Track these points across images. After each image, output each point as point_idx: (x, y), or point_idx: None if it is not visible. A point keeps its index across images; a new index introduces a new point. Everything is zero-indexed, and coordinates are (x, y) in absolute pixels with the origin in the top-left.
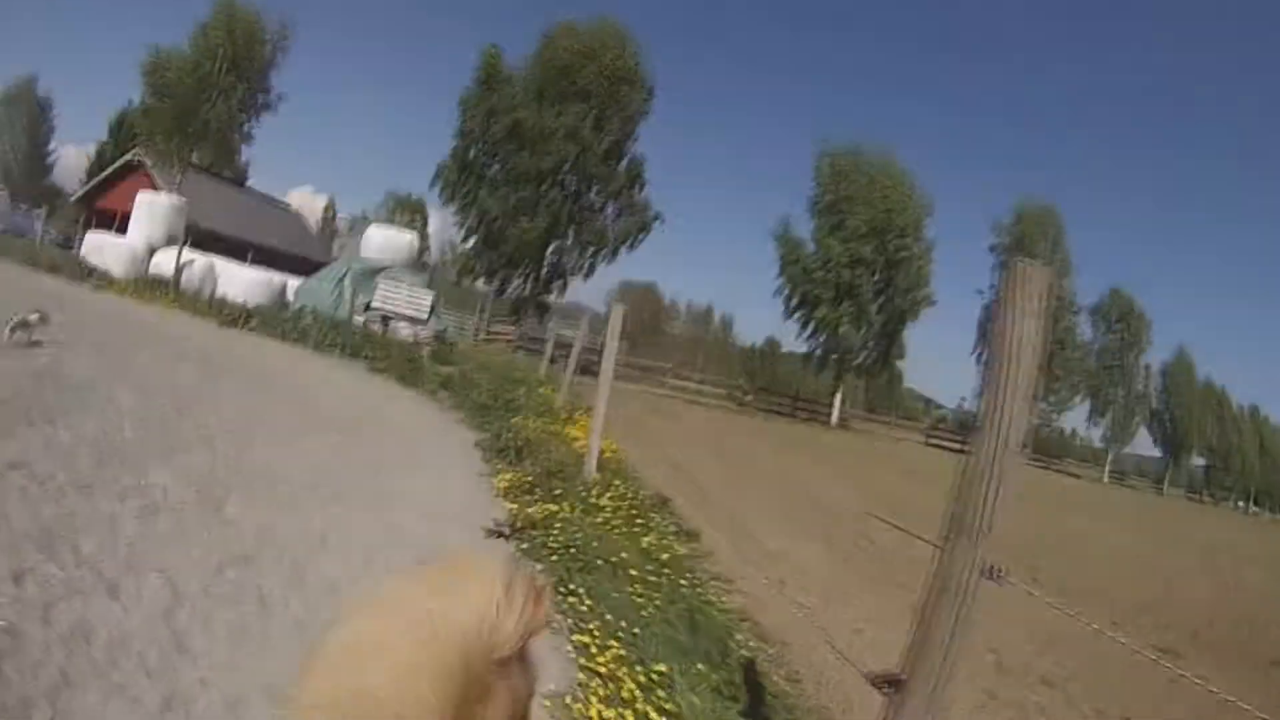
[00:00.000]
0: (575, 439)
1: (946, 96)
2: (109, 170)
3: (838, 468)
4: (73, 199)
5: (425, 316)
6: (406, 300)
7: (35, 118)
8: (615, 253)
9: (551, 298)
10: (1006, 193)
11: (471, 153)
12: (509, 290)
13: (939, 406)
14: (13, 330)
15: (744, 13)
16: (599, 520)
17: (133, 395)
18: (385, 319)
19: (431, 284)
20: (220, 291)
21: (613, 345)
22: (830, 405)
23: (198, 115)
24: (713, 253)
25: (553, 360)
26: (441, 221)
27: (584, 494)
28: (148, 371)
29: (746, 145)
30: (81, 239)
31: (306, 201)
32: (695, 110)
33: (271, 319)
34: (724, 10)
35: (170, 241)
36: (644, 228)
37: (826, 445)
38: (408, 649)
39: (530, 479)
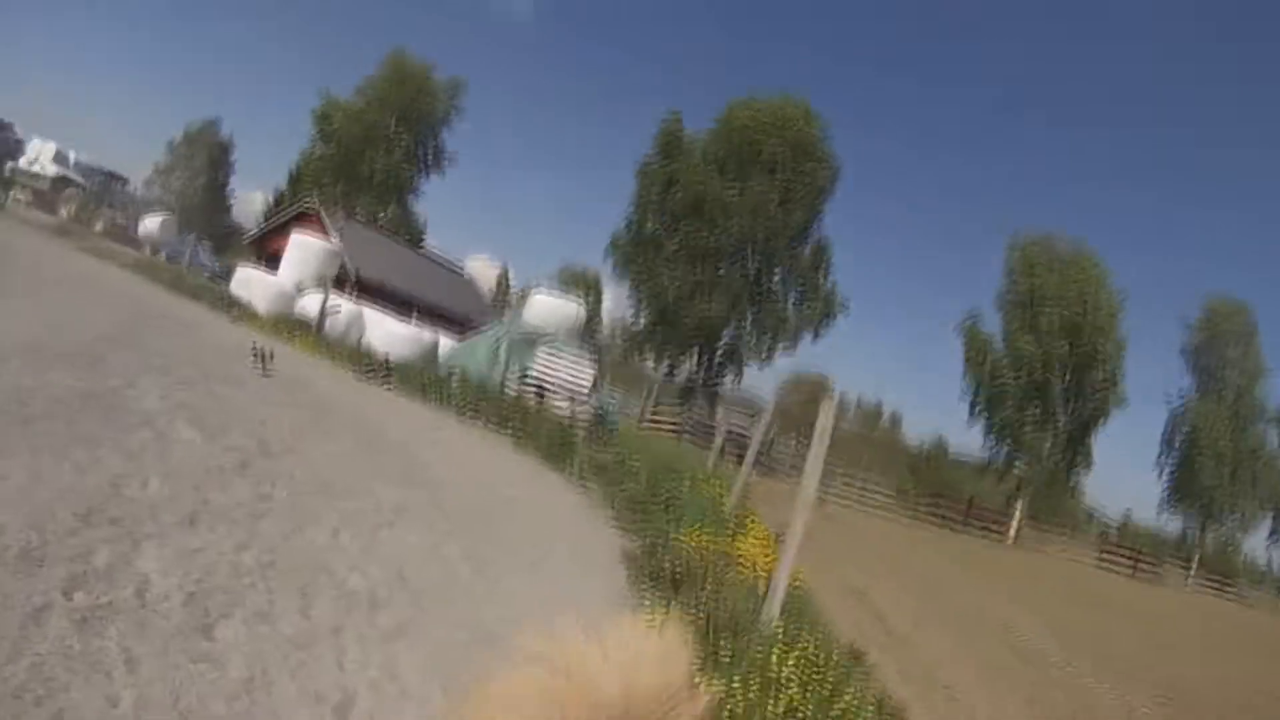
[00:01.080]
0: (746, 560)
1: (1132, 180)
2: (282, 214)
3: (1026, 599)
4: (246, 239)
5: (586, 392)
6: (567, 372)
7: (216, 158)
8: (796, 341)
9: (724, 385)
10: (1189, 284)
11: (648, 224)
12: (679, 373)
13: (1101, 517)
14: (257, 359)
15: (923, 94)
16: (780, 711)
17: (193, 431)
18: (541, 390)
19: (597, 360)
20: (366, 341)
21: (820, 451)
22: (1004, 517)
23: (362, 163)
24: (883, 345)
25: (722, 452)
26: (615, 299)
27: (761, 657)
28: (236, 410)
29: (922, 234)
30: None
31: (482, 269)
32: (868, 194)
33: (413, 376)
34: (901, 92)
35: (321, 285)
36: (828, 315)
37: (1008, 568)
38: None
39: (688, 625)
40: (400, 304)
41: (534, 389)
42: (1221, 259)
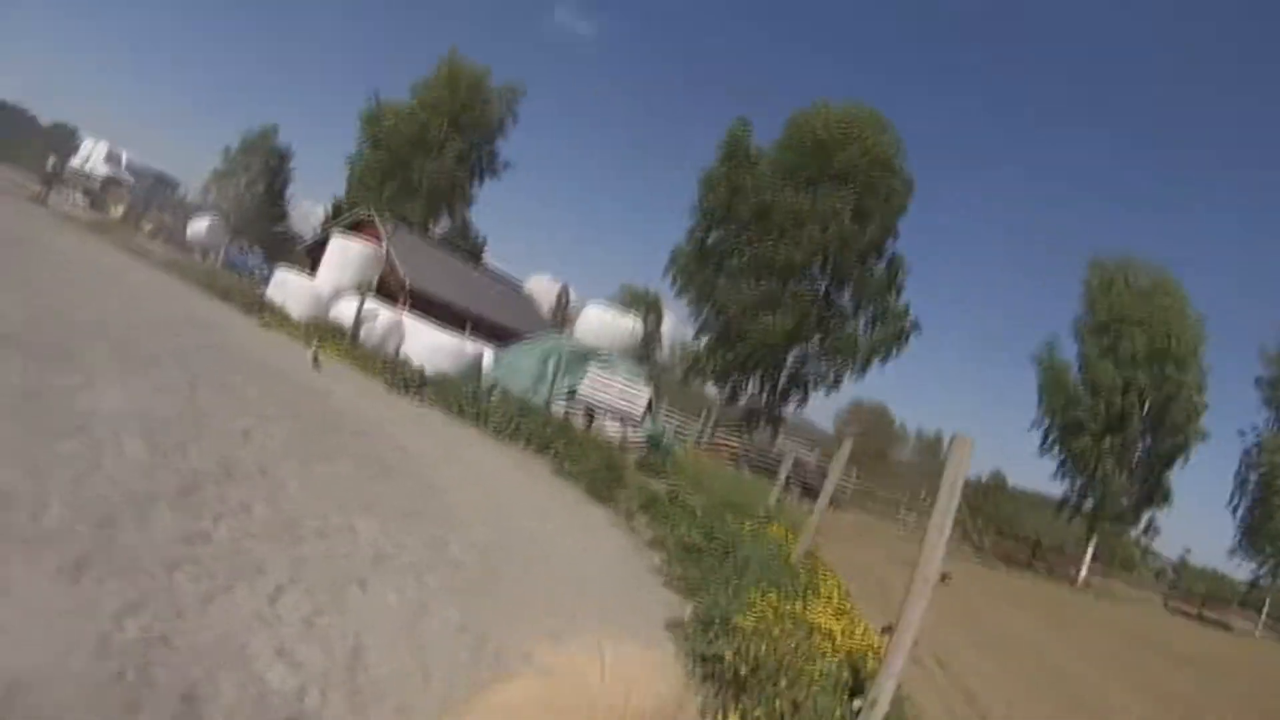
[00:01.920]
0: (822, 630)
1: (1207, 204)
2: (338, 222)
3: (1113, 659)
4: (300, 247)
5: (639, 415)
6: (620, 392)
7: (273, 165)
8: (866, 366)
9: (788, 410)
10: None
11: (711, 237)
12: (740, 397)
13: (1156, 555)
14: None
15: (996, 107)
16: None
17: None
18: (591, 411)
19: (653, 381)
20: (404, 351)
21: (944, 528)
22: (1068, 556)
23: (412, 168)
24: (942, 374)
25: (787, 486)
26: (676, 323)
27: None
28: (213, 422)
29: (989, 259)
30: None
31: (542, 287)
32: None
33: (449, 390)
34: (971, 106)
35: (364, 292)
36: (900, 338)
37: (1085, 617)
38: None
39: None
40: (452, 316)
41: (583, 409)
42: None
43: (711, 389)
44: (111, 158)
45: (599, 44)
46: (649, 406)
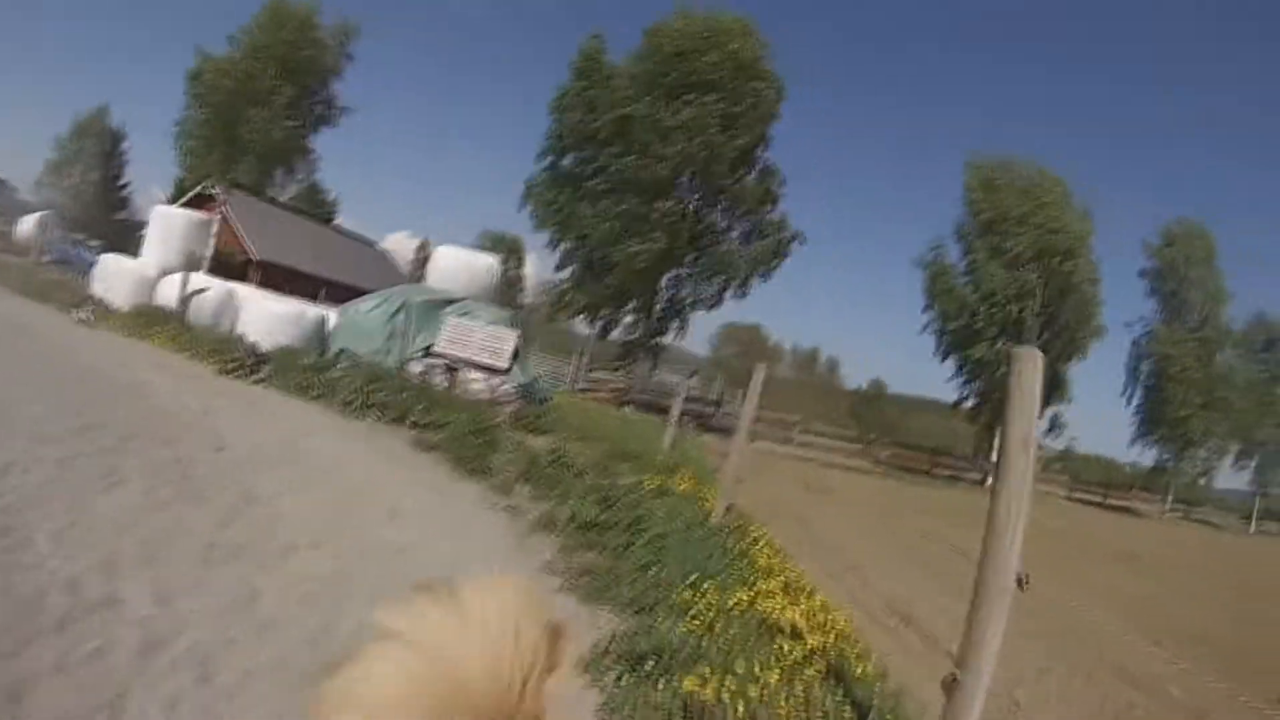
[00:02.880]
0: (783, 628)
1: (1085, 104)
2: (178, 202)
3: (1062, 567)
4: (141, 234)
5: (506, 365)
6: (481, 342)
7: (108, 149)
8: (746, 282)
9: (669, 339)
10: (1149, 211)
11: (567, 160)
12: (614, 331)
13: (1037, 446)
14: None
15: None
16: None
17: None
18: (451, 367)
19: (520, 326)
20: (242, 328)
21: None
22: (972, 459)
23: (240, 123)
24: (806, 284)
25: (680, 422)
26: (539, 263)
27: None
28: None
29: (845, 162)
30: None
31: (401, 244)
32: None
33: (290, 367)
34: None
35: (192, 267)
36: (779, 252)
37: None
38: (408, 694)
39: None
40: (307, 285)
41: (442, 365)
42: (1176, 186)
43: (583, 326)
44: None
45: None
46: (517, 353)
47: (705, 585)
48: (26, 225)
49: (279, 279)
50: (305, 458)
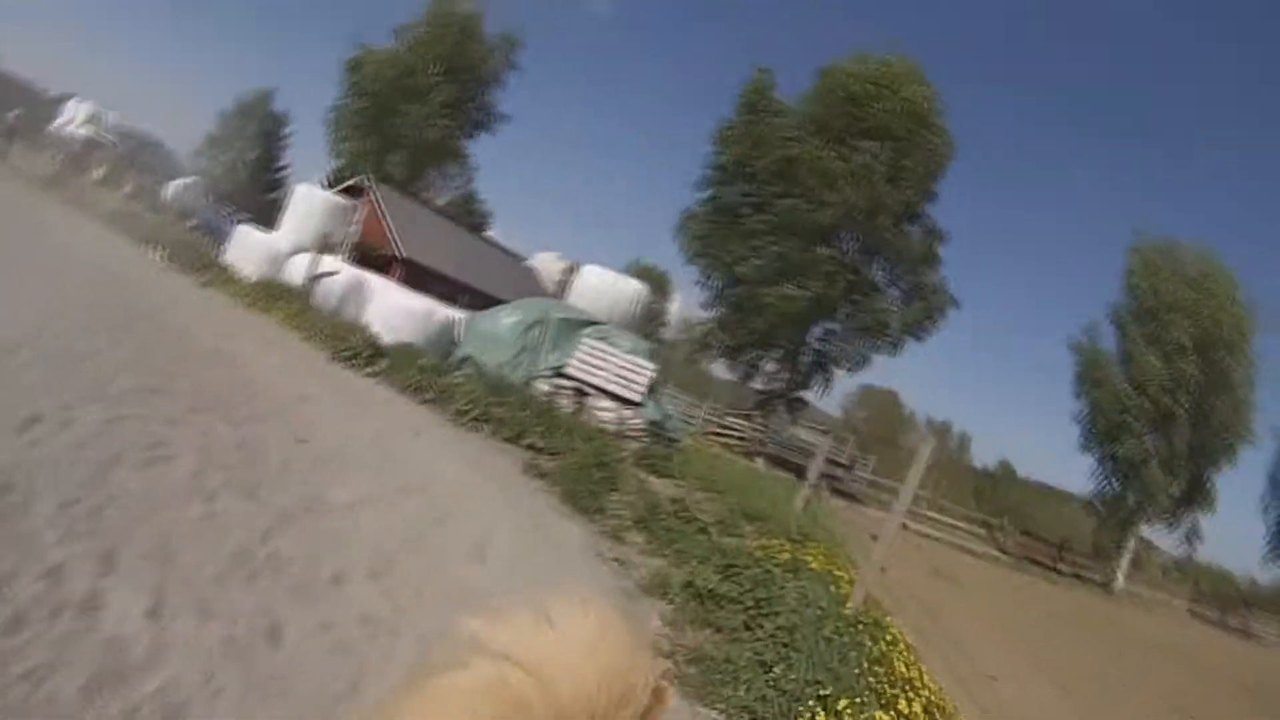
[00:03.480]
0: None
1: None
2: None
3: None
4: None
5: (640, 397)
6: (617, 369)
7: (269, 130)
8: (898, 345)
9: (810, 393)
10: None
11: (727, 195)
12: (756, 378)
13: (1153, 548)
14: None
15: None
16: None
17: None
18: (581, 392)
19: (660, 358)
20: (367, 318)
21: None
22: (1106, 562)
23: (396, 115)
24: (949, 360)
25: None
26: (685, 302)
27: None
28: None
29: (997, 228)
30: None
31: (549, 265)
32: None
33: (408, 364)
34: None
35: (326, 249)
36: (934, 315)
37: (1143, 636)
38: (495, 710)
39: None
40: (449, 290)
41: (571, 388)
42: None
43: (722, 369)
44: (94, 119)
45: (613, 17)
46: (652, 387)
47: (840, 703)
48: (175, 188)
49: (421, 278)
50: (396, 465)
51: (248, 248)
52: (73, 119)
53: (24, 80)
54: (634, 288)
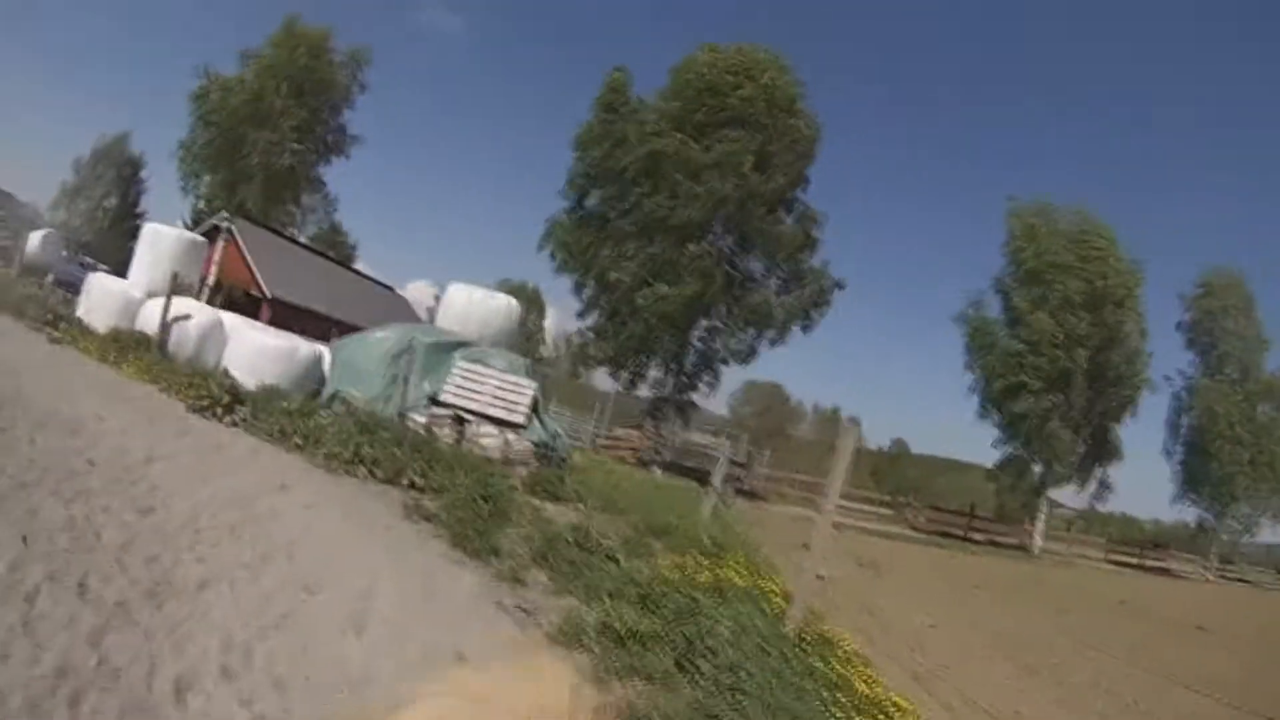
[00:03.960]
0: None
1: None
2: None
3: (1143, 648)
4: None
5: (523, 419)
6: (496, 391)
7: (126, 176)
8: (784, 333)
9: (701, 394)
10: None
11: (591, 199)
12: (642, 385)
13: (1058, 505)
14: None
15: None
16: None
17: None
18: (460, 418)
19: (541, 374)
20: (227, 361)
21: None
22: (1016, 525)
23: (245, 144)
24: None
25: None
26: (559, 317)
27: None
28: None
29: (861, 210)
30: None
31: (421, 293)
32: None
33: (270, 408)
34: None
35: (179, 291)
36: (819, 301)
37: (1077, 592)
38: None
39: None
40: (319, 326)
41: (449, 417)
42: (1211, 232)
43: (605, 380)
44: None
45: (466, 38)
46: (535, 406)
47: None
48: (33, 242)
49: (291, 317)
50: (258, 527)
51: (100, 296)
52: None
53: None
54: (504, 303)
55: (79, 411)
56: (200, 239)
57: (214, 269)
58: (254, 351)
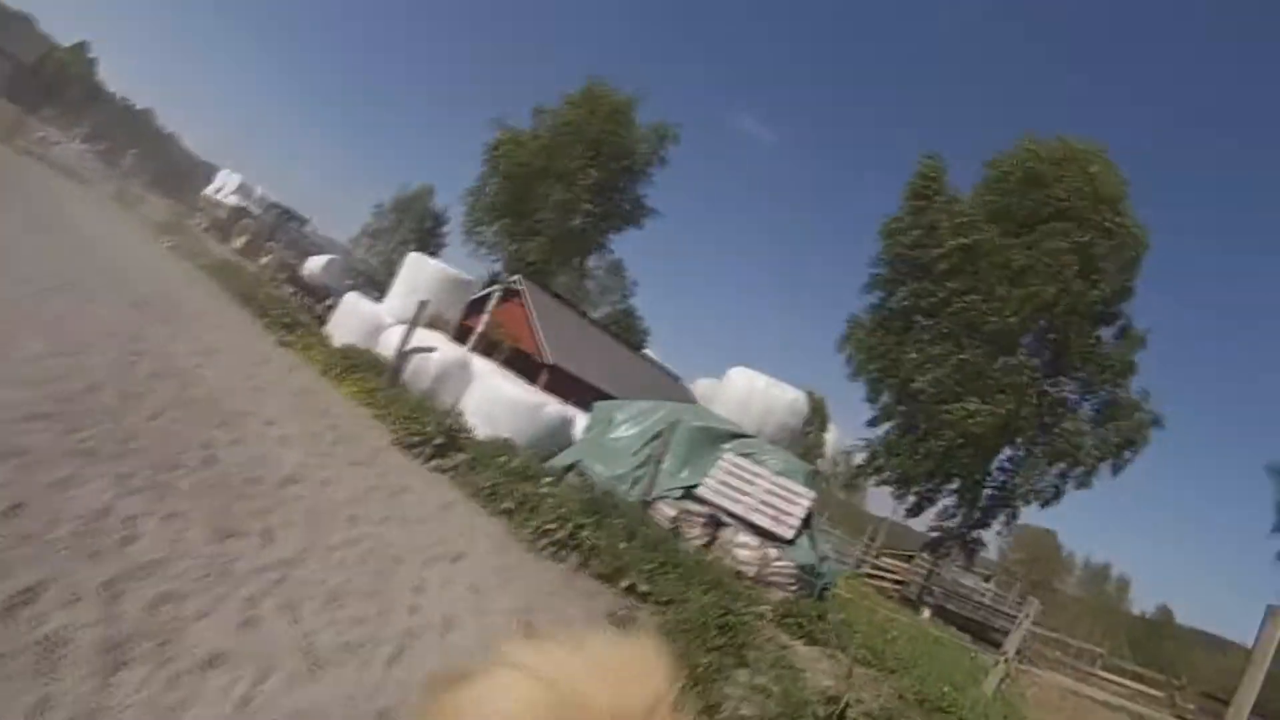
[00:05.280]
0: None
1: None
2: (483, 292)
3: None
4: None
5: (790, 532)
6: (765, 495)
7: (426, 227)
8: (1091, 473)
9: (992, 533)
10: None
11: (897, 297)
12: (927, 511)
13: None
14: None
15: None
16: None
17: None
18: (717, 520)
19: (818, 486)
20: (464, 403)
21: None
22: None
23: (535, 199)
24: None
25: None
26: (841, 435)
27: None
28: None
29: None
30: None
31: (709, 392)
32: None
33: (490, 464)
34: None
35: (430, 324)
36: (1135, 438)
37: None
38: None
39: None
40: (595, 397)
41: (704, 515)
42: None
43: (880, 503)
44: (242, 190)
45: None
46: (808, 520)
47: None
48: (315, 263)
49: (569, 388)
50: (409, 615)
51: (348, 314)
52: (223, 187)
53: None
54: (791, 396)
55: (248, 413)
56: (465, 277)
57: (486, 320)
58: (494, 399)
